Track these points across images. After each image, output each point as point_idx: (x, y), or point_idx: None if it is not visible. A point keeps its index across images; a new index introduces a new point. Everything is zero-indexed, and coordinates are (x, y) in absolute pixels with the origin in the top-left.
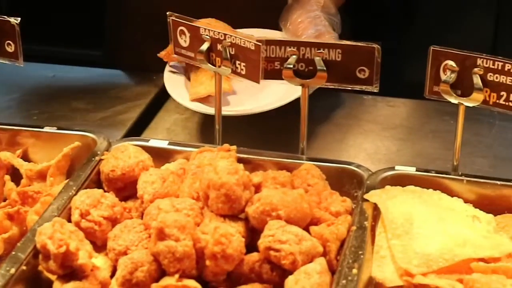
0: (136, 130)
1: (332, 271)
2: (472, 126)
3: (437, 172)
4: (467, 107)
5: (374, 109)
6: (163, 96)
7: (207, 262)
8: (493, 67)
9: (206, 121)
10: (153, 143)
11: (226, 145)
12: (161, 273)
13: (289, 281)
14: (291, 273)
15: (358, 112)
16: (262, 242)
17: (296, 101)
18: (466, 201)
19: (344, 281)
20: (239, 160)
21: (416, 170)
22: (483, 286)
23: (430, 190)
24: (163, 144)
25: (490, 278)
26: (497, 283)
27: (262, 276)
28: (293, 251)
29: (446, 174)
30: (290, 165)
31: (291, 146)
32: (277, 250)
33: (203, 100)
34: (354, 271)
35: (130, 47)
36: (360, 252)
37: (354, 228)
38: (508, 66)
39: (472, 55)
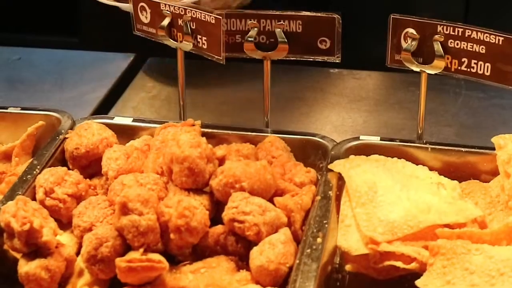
0: (103, 109)
1: (297, 241)
2: (438, 96)
3: (401, 141)
4: (431, 76)
5: (340, 82)
6: (129, 76)
7: (172, 236)
8: (453, 33)
9: (172, 99)
10: (118, 120)
11: (190, 120)
12: (126, 248)
13: (254, 252)
14: (256, 244)
15: (324, 85)
16: (226, 214)
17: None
18: (431, 169)
19: (308, 250)
20: (204, 135)
21: (381, 139)
22: (448, 251)
23: (394, 158)
24: (127, 121)
25: (455, 243)
26: (462, 248)
27: (227, 248)
28: (257, 222)
29: (411, 143)
30: (255, 139)
31: (259, 121)
32: (241, 222)
33: None
34: (319, 240)
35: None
36: (325, 222)
37: (318, 198)
38: (468, 32)
39: (433, 22)
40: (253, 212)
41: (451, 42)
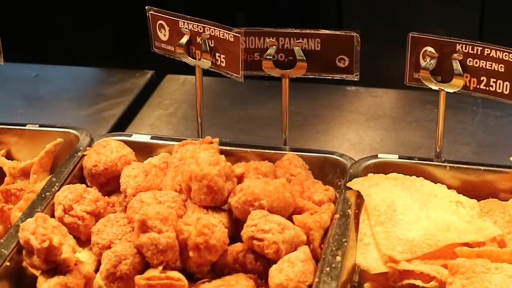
0: (120, 126)
1: (316, 259)
2: (455, 114)
3: (420, 159)
4: (449, 94)
5: (357, 100)
6: (146, 93)
7: (191, 253)
8: (472, 52)
9: (190, 116)
10: (136, 137)
11: (208, 137)
12: (145, 265)
13: (273, 270)
14: (275, 262)
15: (341, 103)
16: (245, 232)
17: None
18: (450, 187)
19: (328, 269)
20: (222, 152)
21: (399, 158)
22: (467, 270)
23: (413, 176)
24: (145, 138)
25: (475, 262)
26: (482, 267)
27: (246, 266)
28: (276, 240)
29: (429, 161)
30: (273, 156)
31: (277, 138)
32: (260, 240)
33: None
34: (338, 258)
35: None
36: (344, 240)
37: (337, 216)
38: (487, 51)
39: (451, 40)
40: (272, 230)
41: (469, 60)
